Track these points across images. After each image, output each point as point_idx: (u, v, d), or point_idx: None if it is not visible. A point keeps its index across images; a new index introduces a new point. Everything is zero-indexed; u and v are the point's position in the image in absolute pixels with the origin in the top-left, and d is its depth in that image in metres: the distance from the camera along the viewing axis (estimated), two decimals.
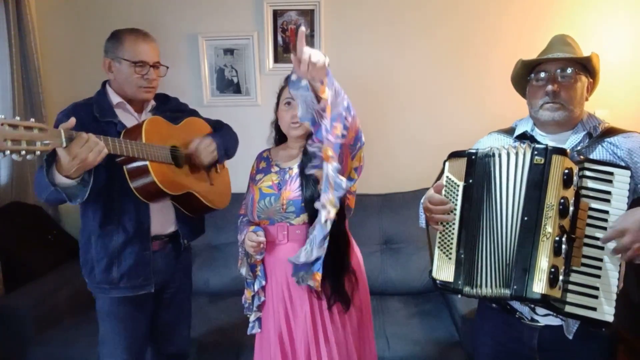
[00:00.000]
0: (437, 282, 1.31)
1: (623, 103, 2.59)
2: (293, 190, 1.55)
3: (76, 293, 2.38)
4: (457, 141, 2.73)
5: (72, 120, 1.32)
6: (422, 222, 1.48)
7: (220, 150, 1.79)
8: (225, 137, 1.88)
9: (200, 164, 1.74)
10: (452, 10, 2.65)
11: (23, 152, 1.18)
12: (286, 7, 2.67)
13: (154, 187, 1.52)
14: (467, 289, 1.27)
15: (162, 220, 1.72)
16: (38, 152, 1.21)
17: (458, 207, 1.30)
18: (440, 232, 1.33)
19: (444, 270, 1.30)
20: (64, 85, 2.82)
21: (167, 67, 1.74)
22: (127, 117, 1.67)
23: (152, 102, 1.75)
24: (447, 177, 1.35)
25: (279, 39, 2.72)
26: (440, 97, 2.75)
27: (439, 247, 1.33)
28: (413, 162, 2.81)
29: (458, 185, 1.31)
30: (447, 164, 1.37)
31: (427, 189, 3.02)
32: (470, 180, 1.30)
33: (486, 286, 1.26)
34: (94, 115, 1.58)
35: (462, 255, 1.28)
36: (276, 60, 2.75)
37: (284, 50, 2.74)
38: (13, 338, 2.18)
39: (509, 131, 1.49)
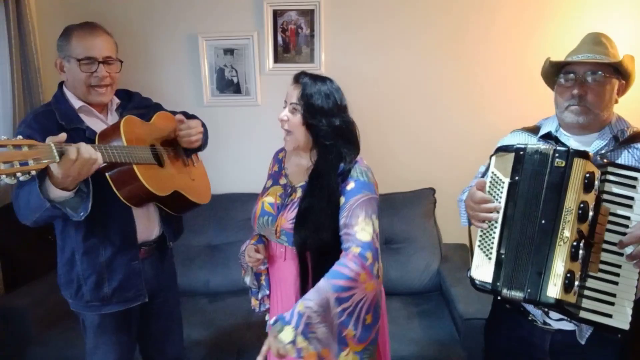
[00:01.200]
0: (476, 282, 1.26)
1: (623, 103, 2.59)
2: (288, 220, 1.41)
3: None
4: (457, 141, 2.76)
5: (63, 135, 1.22)
6: (465, 221, 1.42)
7: (205, 134, 1.73)
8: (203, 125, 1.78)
9: (187, 146, 1.65)
10: (452, 11, 2.65)
11: (18, 174, 1.06)
12: (286, 7, 2.67)
13: (144, 191, 1.42)
14: (505, 290, 1.22)
15: (148, 225, 1.63)
16: (33, 172, 1.10)
17: (502, 205, 1.24)
18: (482, 231, 1.29)
19: (483, 270, 1.25)
20: None
21: (122, 62, 1.57)
22: (94, 121, 1.55)
23: (116, 101, 1.64)
24: (493, 172, 1.28)
25: (279, 39, 2.72)
26: (440, 96, 2.75)
27: (479, 246, 1.28)
28: (413, 162, 2.81)
29: (503, 182, 1.25)
30: (493, 158, 1.30)
31: (428, 189, 3.03)
32: (517, 177, 1.23)
33: (506, 287, 1.22)
34: (59, 123, 1.46)
35: (503, 256, 1.23)
36: (276, 60, 2.75)
37: (284, 50, 2.74)
38: (13, 338, 2.18)
39: (534, 130, 1.43)
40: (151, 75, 2.79)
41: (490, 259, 1.25)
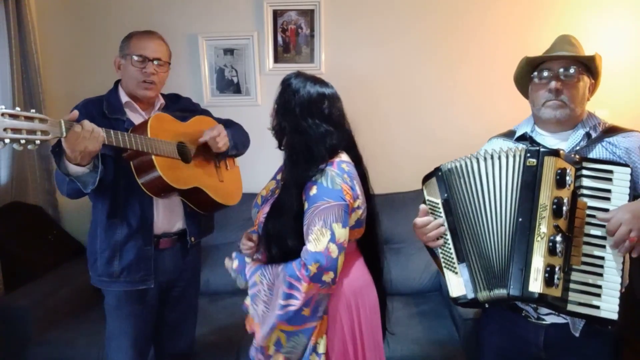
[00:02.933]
0: (458, 299, 1.31)
1: (623, 103, 2.59)
2: (264, 213, 1.43)
3: (76, 293, 2.38)
4: (457, 140, 2.75)
5: (75, 113, 1.36)
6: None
7: (230, 142, 1.80)
8: (235, 132, 1.88)
9: (211, 152, 1.75)
10: (452, 12, 2.65)
11: (23, 141, 1.20)
12: (286, 7, 2.67)
13: (160, 181, 1.52)
14: (481, 295, 1.27)
15: (170, 217, 1.72)
16: (38, 142, 1.23)
17: (446, 224, 1.33)
18: (441, 253, 1.36)
19: (457, 287, 1.31)
20: (64, 85, 2.82)
21: (169, 64, 1.76)
22: (136, 116, 1.70)
23: (162, 102, 1.77)
24: (428, 200, 1.39)
25: (279, 39, 2.72)
26: (440, 96, 2.75)
27: (445, 267, 1.34)
28: (413, 162, 2.80)
29: (438, 203, 1.35)
30: (424, 189, 1.41)
31: None
32: (446, 195, 1.34)
33: (484, 289, 1.27)
34: (103, 111, 1.62)
35: (465, 265, 1.30)
36: (276, 60, 2.75)
37: (284, 50, 2.74)
38: (13, 338, 2.18)
39: (509, 134, 1.49)
40: None
41: (457, 273, 1.32)
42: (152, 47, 1.67)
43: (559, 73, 1.32)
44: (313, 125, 1.38)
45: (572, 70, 1.31)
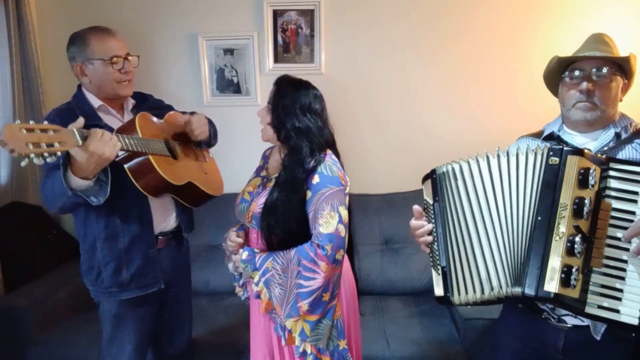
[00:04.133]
0: (437, 297, 1.34)
1: (625, 101, 2.59)
2: (258, 204, 1.55)
3: (76, 293, 2.38)
4: (457, 141, 2.76)
5: (81, 120, 1.33)
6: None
7: (210, 128, 1.84)
8: (210, 121, 1.91)
9: (197, 135, 1.76)
10: (452, 12, 2.65)
11: (45, 154, 1.17)
12: (286, 7, 2.67)
13: (160, 180, 1.52)
14: (454, 297, 1.29)
15: (165, 215, 1.73)
16: (58, 153, 1.22)
17: (438, 225, 1.34)
18: (430, 254, 1.38)
19: (438, 286, 1.34)
20: (64, 85, 2.81)
21: (139, 56, 1.71)
22: (111, 120, 1.66)
23: (132, 101, 1.75)
24: (424, 199, 1.40)
25: (279, 39, 2.72)
26: (441, 97, 2.75)
27: (432, 267, 1.37)
28: (413, 162, 2.81)
29: (431, 205, 1.37)
30: (423, 188, 1.42)
31: None
32: (437, 198, 1.35)
33: (472, 292, 1.27)
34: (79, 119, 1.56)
35: (445, 268, 1.31)
36: (276, 60, 2.75)
37: (284, 50, 2.74)
38: (13, 338, 2.18)
39: (538, 134, 1.47)
40: (151, 75, 2.79)
41: (439, 274, 1.33)
42: (118, 44, 1.63)
43: (591, 73, 1.28)
44: (312, 121, 1.54)
45: (605, 71, 1.27)
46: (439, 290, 1.33)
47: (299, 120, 1.53)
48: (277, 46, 2.73)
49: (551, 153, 1.22)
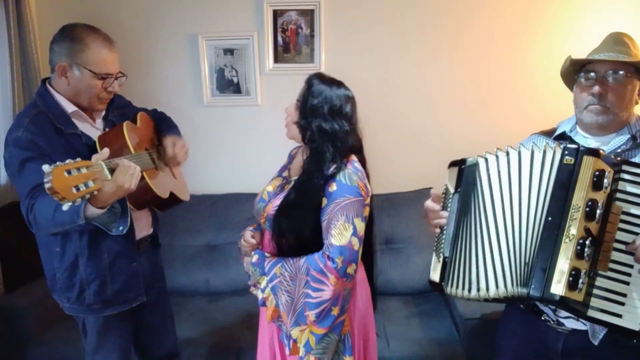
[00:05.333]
0: (429, 281, 1.36)
1: None
2: (274, 206, 1.49)
3: None
4: (457, 141, 2.76)
5: (106, 151, 1.27)
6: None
7: (175, 131, 1.79)
8: (174, 128, 1.82)
9: (176, 164, 1.75)
10: (453, 12, 2.65)
11: (87, 196, 1.13)
12: (286, 7, 2.67)
13: (152, 197, 1.49)
14: (450, 289, 1.29)
15: (143, 224, 1.71)
16: (95, 192, 1.17)
17: (454, 213, 1.32)
18: (436, 237, 1.37)
19: (435, 271, 1.34)
20: None
21: (126, 77, 1.60)
22: (85, 126, 1.55)
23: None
24: (445, 184, 1.38)
25: (279, 39, 2.72)
26: (440, 97, 2.75)
27: (434, 251, 1.37)
28: (413, 162, 2.81)
29: (451, 193, 1.35)
30: (446, 171, 1.40)
31: (428, 189, 3.03)
32: (459, 189, 1.32)
33: (461, 288, 1.27)
34: (56, 126, 1.45)
35: (447, 259, 1.31)
36: (276, 60, 2.74)
37: (284, 50, 2.74)
38: (13, 338, 2.18)
39: (550, 132, 1.44)
40: (151, 76, 2.79)
41: (439, 261, 1.34)
42: (114, 61, 1.52)
43: (604, 76, 1.25)
44: (339, 125, 1.46)
45: (620, 74, 1.24)
46: (435, 276, 1.34)
47: (326, 123, 1.45)
48: (277, 46, 2.73)
49: (566, 152, 1.19)
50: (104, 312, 1.60)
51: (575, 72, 1.35)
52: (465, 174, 1.32)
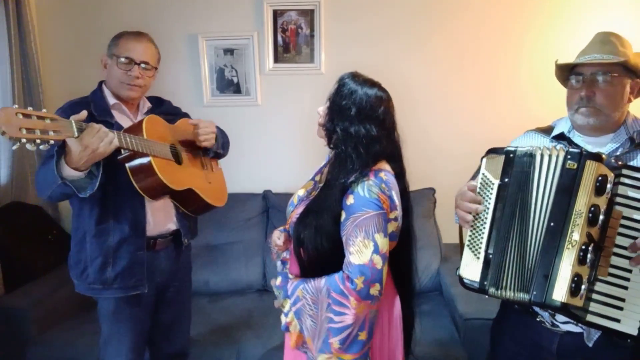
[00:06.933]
0: (465, 280, 1.27)
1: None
2: (297, 213, 1.39)
3: (76, 293, 2.35)
4: (458, 140, 2.76)
5: (84, 113, 1.35)
6: (457, 219, 1.41)
7: (218, 138, 1.84)
8: (221, 132, 1.92)
9: (204, 139, 1.76)
10: (454, 15, 2.65)
11: (38, 141, 1.19)
12: (286, 7, 2.67)
13: (158, 183, 1.52)
14: (492, 290, 1.22)
15: (164, 218, 1.72)
16: (52, 142, 1.23)
17: (491, 207, 1.24)
18: (471, 231, 1.28)
19: (471, 269, 1.25)
20: (64, 85, 2.81)
21: (156, 69, 1.72)
22: (123, 119, 1.68)
23: (148, 104, 1.77)
24: (483, 174, 1.28)
25: (279, 39, 2.72)
26: (441, 96, 2.75)
27: (468, 246, 1.28)
28: (413, 162, 2.79)
29: (493, 184, 1.25)
30: (484, 160, 1.29)
31: (427, 189, 3.02)
32: (506, 179, 1.23)
33: (509, 289, 1.22)
34: (91, 113, 1.57)
35: (491, 256, 1.23)
36: (276, 60, 2.74)
37: (284, 50, 2.74)
38: (13, 338, 2.18)
39: (547, 130, 1.42)
40: None
41: (478, 258, 1.25)
42: (140, 49, 1.64)
43: (592, 77, 1.25)
44: (366, 129, 1.34)
45: (607, 75, 1.23)
46: (471, 274, 1.25)
47: (353, 126, 1.33)
48: (277, 46, 2.73)
49: (569, 157, 1.17)
50: (102, 294, 1.64)
51: (566, 75, 1.35)
52: (516, 163, 1.23)
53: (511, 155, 1.24)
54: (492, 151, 1.28)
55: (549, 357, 1.33)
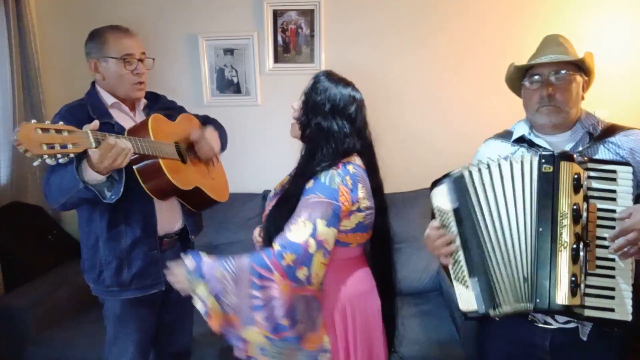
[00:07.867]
0: (467, 314, 1.27)
1: (623, 102, 2.59)
2: (270, 206, 1.41)
3: (76, 293, 2.38)
4: (456, 140, 2.76)
5: (96, 123, 1.34)
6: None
7: (222, 136, 1.85)
8: (219, 129, 1.92)
9: (205, 155, 1.77)
10: (451, 11, 2.65)
11: (59, 156, 1.20)
12: (286, 7, 2.67)
13: (168, 184, 1.52)
14: (491, 311, 1.23)
15: (170, 218, 1.73)
16: (72, 155, 1.24)
17: (456, 233, 1.26)
18: (451, 265, 1.29)
19: (467, 301, 1.25)
20: (64, 85, 2.82)
21: (154, 59, 1.72)
22: (123, 118, 1.67)
23: (144, 101, 1.76)
24: (436, 207, 1.32)
25: (279, 39, 2.72)
26: (440, 97, 2.75)
27: (455, 279, 1.29)
28: (413, 162, 2.81)
29: (448, 212, 1.27)
30: (432, 195, 1.34)
31: (428, 189, 3.03)
32: (457, 203, 1.26)
33: (506, 304, 1.22)
34: (90, 117, 1.56)
35: (477, 280, 1.24)
36: (276, 60, 2.75)
37: (284, 50, 2.74)
38: (13, 338, 2.18)
39: (506, 135, 1.46)
40: (151, 75, 2.75)
41: (467, 287, 1.26)
42: (134, 44, 1.63)
43: (549, 77, 1.30)
44: (338, 125, 1.38)
45: (562, 73, 1.29)
46: (468, 305, 1.24)
47: (326, 121, 1.38)
48: (277, 46, 2.73)
49: (543, 160, 1.21)
50: (121, 295, 1.64)
51: (520, 78, 1.40)
52: (458, 185, 1.27)
53: (451, 179, 1.27)
54: (434, 184, 1.33)
55: (542, 354, 1.33)
